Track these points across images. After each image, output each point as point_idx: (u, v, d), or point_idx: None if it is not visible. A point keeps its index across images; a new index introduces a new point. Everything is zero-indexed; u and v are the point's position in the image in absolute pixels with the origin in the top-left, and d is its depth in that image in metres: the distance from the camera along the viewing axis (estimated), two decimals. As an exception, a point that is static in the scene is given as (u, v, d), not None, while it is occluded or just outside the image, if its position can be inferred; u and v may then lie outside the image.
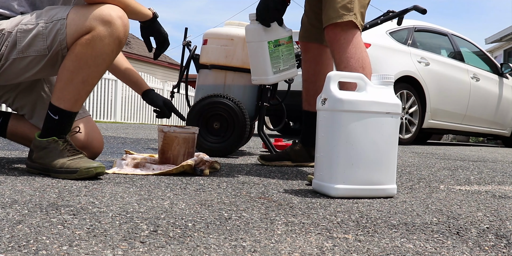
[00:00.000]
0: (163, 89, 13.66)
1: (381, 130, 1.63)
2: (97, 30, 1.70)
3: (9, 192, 1.39)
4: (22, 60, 1.76)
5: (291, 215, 1.31)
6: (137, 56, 19.14)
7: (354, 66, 1.94)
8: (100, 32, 1.70)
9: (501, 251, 1.07)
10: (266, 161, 2.53)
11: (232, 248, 0.98)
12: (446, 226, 1.27)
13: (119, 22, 1.72)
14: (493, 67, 6.87)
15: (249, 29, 2.27)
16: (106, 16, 1.70)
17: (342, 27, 1.98)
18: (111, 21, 1.70)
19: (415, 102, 5.46)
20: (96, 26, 1.70)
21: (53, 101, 1.75)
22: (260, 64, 2.30)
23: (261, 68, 2.31)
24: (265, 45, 2.25)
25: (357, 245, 1.05)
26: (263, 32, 2.24)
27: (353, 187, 1.61)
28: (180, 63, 3.06)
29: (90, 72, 1.73)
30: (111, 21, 1.71)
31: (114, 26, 1.71)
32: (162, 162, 2.12)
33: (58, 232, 1.01)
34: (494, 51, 16.97)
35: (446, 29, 6.42)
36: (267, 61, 2.28)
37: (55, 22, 1.73)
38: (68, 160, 1.73)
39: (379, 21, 3.27)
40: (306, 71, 2.44)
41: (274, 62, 2.29)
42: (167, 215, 1.22)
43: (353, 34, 1.98)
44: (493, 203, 1.67)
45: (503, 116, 6.85)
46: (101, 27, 1.70)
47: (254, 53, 2.30)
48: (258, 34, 2.24)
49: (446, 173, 2.56)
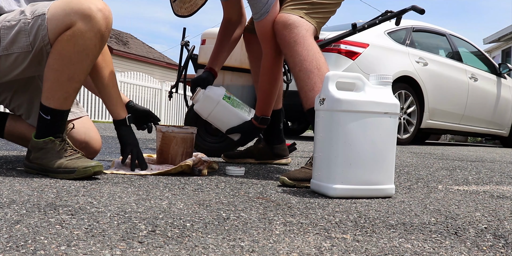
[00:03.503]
0: (161, 89, 13.65)
1: (379, 130, 1.63)
2: (77, 25, 1.66)
3: (7, 192, 1.39)
4: (7, 58, 1.74)
5: (289, 215, 1.31)
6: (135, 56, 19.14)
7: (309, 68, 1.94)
8: (80, 27, 1.67)
9: (499, 251, 1.07)
10: (229, 158, 2.60)
11: (230, 248, 0.98)
12: (444, 226, 1.27)
13: (100, 15, 1.69)
14: (491, 67, 6.88)
15: (201, 105, 2.30)
16: (86, 10, 1.67)
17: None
18: (90, 14, 1.67)
19: (413, 102, 5.47)
20: (76, 21, 1.66)
21: (43, 101, 1.74)
22: (233, 117, 2.34)
23: (236, 119, 2.34)
24: (224, 102, 2.30)
25: (355, 245, 1.05)
26: (212, 96, 2.28)
27: (351, 187, 1.61)
28: (179, 63, 3.06)
29: (75, 69, 1.71)
30: (91, 15, 1.67)
31: (95, 20, 1.68)
32: (160, 162, 2.12)
33: (56, 232, 1.01)
34: (492, 51, 17.00)
35: (444, 29, 6.43)
36: (236, 111, 2.34)
37: (36, 18, 1.70)
38: (66, 160, 1.73)
39: (377, 21, 3.28)
40: (255, 73, 2.50)
41: (240, 107, 2.37)
42: (165, 215, 1.22)
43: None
44: (491, 203, 1.67)
45: (501, 116, 6.86)
46: (81, 21, 1.66)
47: (221, 114, 2.33)
48: (210, 100, 2.29)
49: (444, 173, 2.56)
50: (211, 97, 2.28)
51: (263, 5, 1.98)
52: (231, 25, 2.35)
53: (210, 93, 2.28)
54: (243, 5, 2.35)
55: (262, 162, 2.59)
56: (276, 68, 2.17)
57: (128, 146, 1.95)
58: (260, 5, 1.99)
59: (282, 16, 1.98)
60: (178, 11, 1.99)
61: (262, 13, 2.00)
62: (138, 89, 12.78)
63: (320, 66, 1.92)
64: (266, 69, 2.16)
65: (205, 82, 2.30)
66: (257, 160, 2.59)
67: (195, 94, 2.27)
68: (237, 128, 2.34)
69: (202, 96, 2.27)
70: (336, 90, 1.63)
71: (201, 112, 2.32)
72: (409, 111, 5.46)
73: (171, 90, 3.02)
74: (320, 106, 1.67)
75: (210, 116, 2.32)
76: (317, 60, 1.93)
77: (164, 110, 13.76)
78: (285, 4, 2.04)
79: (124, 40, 20.63)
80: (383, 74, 1.69)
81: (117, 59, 18.21)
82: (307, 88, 1.91)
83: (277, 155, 2.60)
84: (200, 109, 2.31)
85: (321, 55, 1.97)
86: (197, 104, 2.29)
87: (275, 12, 2.01)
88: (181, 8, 1.98)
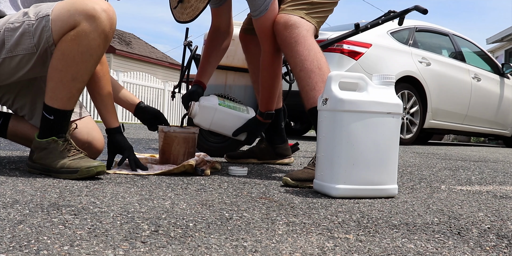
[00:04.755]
0: (164, 89, 13.67)
1: (382, 130, 1.63)
2: (82, 25, 1.67)
3: (10, 192, 1.39)
4: (12, 59, 1.75)
5: (292, 215, 1.31)
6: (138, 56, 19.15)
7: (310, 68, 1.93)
8: (84, 28, 1.67)
9: (502, 251, 1.06)
10: (232, 159, 2.61)
11: (233, 248, 0.98)
12: (447, 226, 1.27)
13: (104, 16, 1.69)
14: (494, 67, 6.86)
15: (200, 117, 2.29)
16: (90, 11, 1.67)
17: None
18: (95, 15, 1.67)
19: (416, 102, 5.46)
20: (80, 21, 1.67)
21: (47, 101, 1.75)
22: (235, 119, 2.35)
23: (238, 120, 2.34)
24: (221, 107, 2.31)
25: (358, 245, 1.05)
26: (207, 105, 2.28)
27: (354, 187, 1.61)
28: (181, 63, 3.06)
29: (78, 69, 1.71)
30: (95, 15, 1.67)
31: (99, 20, 1.68)
32: (162, 162, 2.12)
33: (59, 232, 1.01)
34: (495, 51, 16.95)
35: (447, 29, 6.42)
36: (236, 113, 2.35)
37: (40, 19, 1.70)
38: (69, 160, 1.73)
39: (380, 21, 3.27)
40: (252, 73, 2.48)
41: (237, 109, 2.37)
42: (168, 215, 1.22)
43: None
44: (494, 203, 1.66)
45: (504, 116, 6.84)
46: (86, 22, 1.67)
47: (223, 119, 2.33)
48: (207, 109, 2.29)
49: (447, 173, 2.55)
50: (207, 106, 2.28)
51: (262, 2, 1.99)
52: (220, 34, 2.34)
53: (205, 103, 2.28)
54: (232, 14, 2.35)
55: (264, 162, 2.60)
56: (276, 64, 2.17)
57: (126, 151, 1.97)
58: (259, 3, 1.99)
59: (283, 16, 1.98)
60: (180, 17, 1.99)
61: (261, 10, 2.00)
62: (141, 89, 12.79)
63: (321, 66, 1.92)
64: (266, 66, 2.16)
65: (195, 95, 2.30)
66: (260, 160, 2.59)
67: (190, 109, 2.26)
68: (243, 128, 2.33)
69: (198, 108, 2.26)
70: (339, 90, 1.63)
71: (202, 124, 2.32)
72: (412, 111, 5.45)
73: (174, 90, 3.02)
74: (323, 106, 1.67)
75: (212, 125, 2.32)
76: (318, 60, 1.93)
77: (167, 110, 13.77)
78: (285, 3, 2.04)
79: (127, 40, 20.66)
80: (386, 74, 1.69)
81: (120, 59, 18.22)
82: (308, 88, 1.92)
83: (280, 154, 2.60)
84: (200, 121, 2.30)
85: (322, 55, 1.97)
86: (196, 117, 2.28)
87: (274, 9, 2.02)
88: (183, 14, 1.98)
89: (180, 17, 1.99)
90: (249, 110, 2.44)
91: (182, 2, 1.96)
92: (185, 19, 1.97)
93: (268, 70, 2.17)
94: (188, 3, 1.93)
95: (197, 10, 1.91)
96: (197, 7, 1.91)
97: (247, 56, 2.52)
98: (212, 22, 2.34)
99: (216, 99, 2.33)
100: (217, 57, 2.38)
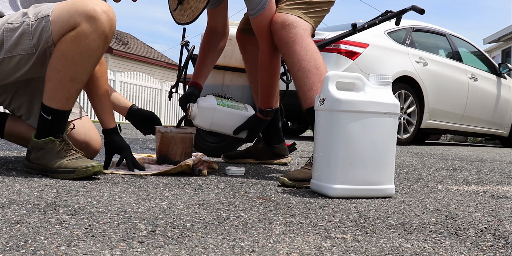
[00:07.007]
0: (161, 89, 13.65)
1: (379, 130, 1.63)
2: (82, 26, 1.67)
3: (7, 192, 1.39)
4: (10, 60, 1.74)
5: (289, 215, 1.31)
6: (135, 56, 19.14)
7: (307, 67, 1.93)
8: (84, 28, 1.67)
9: (499, 251, 1.07)
10: (229, 159, 2.61)
11: (230, 248, 0.98)
12: (444, 226, 1.27)
13: (104, 17, 1.69)
14: (491, 67, 6.88)
15: (199, 118, 2.29)
16: (90, 11, 1.67)
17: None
18: (95, 16, 1.67)
19: (413, 102, 5.47)
20: (80, 22, 1.67)
21: (45, 101, 1.74)
22: (235, 117, 2.34)
23: (238, 118, 2.34)
24: (220, 107, 2.30)
25: (355, 245, 1.05)
26: (206, 106, 2.28)
27: (351, 187, 1.61)
28: (178, 63, 3.06)
29: (77, 70, 1.71)
30: (96, 16, 1.67)
31: (99, 21, 1.68)
32: (159, 162, 2.12)
33: (56, 232, 1.01)
34: (492, 51, 16.99)
35: (444, 29, 6.43)
36: (235, 111, 2.34)
37: (40, 20, 1.70)
38: (66, 160, 1.73)
39: (377, 21, 3.28)
40: (250, 73, 2.48)
41: (236, 107, 2.37)
42: (165, 215, 1.22)
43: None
44: (491, 203, 1.67)
45: (501, 116, 6.86)
46: (86, 23, 1.67)
47: (223, 119, 2.33)
48: (207, 110, 2.28)
49: (444, 173, 2.56)
50: (206, 107, 2.27)
51: (259, 1, 1.99)
52: (216, 35, 2.33)
53: (203, 104, 2.28)
54: (228, 15, 2.35)
55: (262, 162, 2.60)
56: (274, 62, 2.17)
57: (123, 151, 1.97)
58: (256, 1, 1.99)
59: (280, 16, 1.98)
60: (180, 19, 1.99)
61: (259, 9, 2.00)
62: (138, 89, 12.77)
63: (318, 66, 1.92)
64: (265, 64, 2.16)
65: (192, 96, 2.29)
66: (257, 160, 2.60)
67: (189, 111, 2.25)
68: (244, 126, 2.33)
69: (196, 110, 2.26)
70: (336, 90, 1.63)
71: (202, 125, 2.31)
72: (409, 111, 5.45)
73: (171, 90, 3.02)
74: (320, 106, 1.67)
75: (212, 125, 2.31)
76: (316, 60, 1.93)
77: (164, 110, 13.75)
78: (282, 2, 2.04)
79: (124, 40, 20.63)
80: (383, 74, 1.69)
81: (117, 59, 18.20)
82: (305, 88, 1.92)
83: (277, 154, 2.60)
84: (200, 122, 2.29)
85: (319, 55, 1.97)
86: (196, 119, 2.27)
87: (272, 8, 2.02)
88: (183, 16, 1.97)
89: (180, 19, 1.99)
90: (247, 107, 2.44)
91: (182, 3, 1.95)
92: (185, 21, 1.97)
93: (267, 68, 2.17)
94: (187, 5, 1.93)
95: (197, 11, 1.91)
96: (197, 8, 1.91)
97: (244, 56, 2.52)
98: (208, 23, 2.34)
99: (214, 99, 2.33)
100: (213, 58, 2.38)
